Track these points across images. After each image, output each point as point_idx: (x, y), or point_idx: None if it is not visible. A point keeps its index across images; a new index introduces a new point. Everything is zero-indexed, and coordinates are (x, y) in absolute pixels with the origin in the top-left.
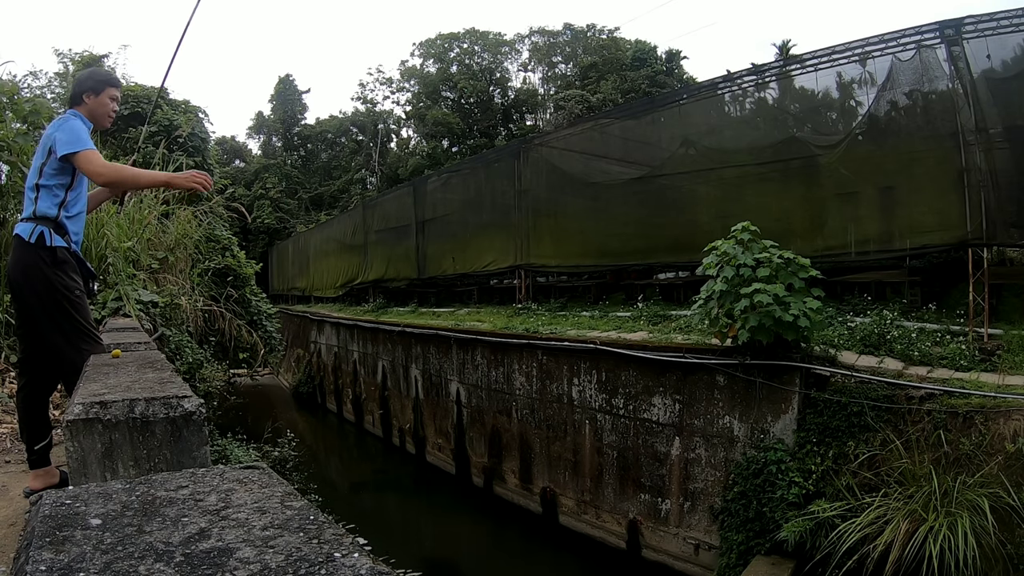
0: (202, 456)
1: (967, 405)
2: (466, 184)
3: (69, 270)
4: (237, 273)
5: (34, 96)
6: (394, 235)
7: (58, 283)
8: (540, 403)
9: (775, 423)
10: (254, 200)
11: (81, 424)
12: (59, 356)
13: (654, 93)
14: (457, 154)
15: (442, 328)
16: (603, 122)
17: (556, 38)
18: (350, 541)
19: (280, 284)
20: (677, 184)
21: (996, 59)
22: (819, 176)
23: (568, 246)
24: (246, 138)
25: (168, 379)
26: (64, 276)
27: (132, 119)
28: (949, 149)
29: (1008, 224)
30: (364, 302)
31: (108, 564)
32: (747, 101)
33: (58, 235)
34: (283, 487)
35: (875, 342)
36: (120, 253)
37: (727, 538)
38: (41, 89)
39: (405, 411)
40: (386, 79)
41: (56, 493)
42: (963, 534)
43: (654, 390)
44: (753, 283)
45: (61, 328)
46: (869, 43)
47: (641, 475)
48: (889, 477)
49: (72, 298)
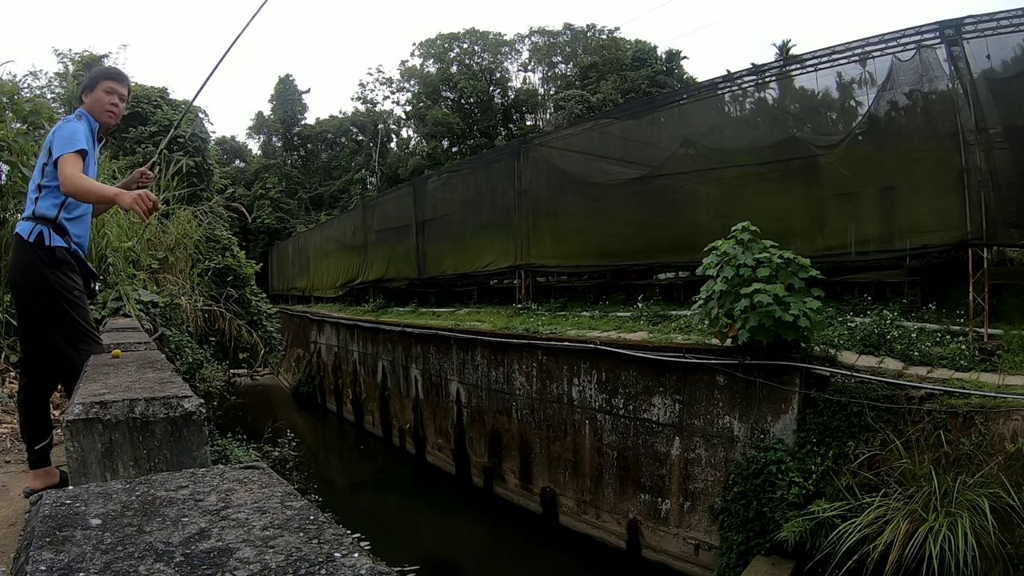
0: (202, 456)
1: (967, 405)
2: (466, 184)
3: (68, 270)
4: (237, 273)
5: (34, 96)
6: (394, 235)
7: (56, 283)
8: (540, 403)
9: (775, 423)
10: (254, 200)
11: (81, 424)
12: (58, 356)
13: (654, 93)
14: (457, 154)
15: (442, 328)
16: (603, 122)
17: (556, 38)
18: (350, 541)
19: (280, 284)
20: (677, 184)
21: (996, 59)
22: (819, 176)
23: (568, 246)
24: (246, 138)
25: (168, 379)
26: (63, 276)
27: (132, 119)
28: (949, 149)
29: (1008, 224)
30: (364, 302)
31: (108, 564)
32: (747, 101)
33: (57, 235)
34: (283, 487)
35: (875, 342)
36: (120, 253)
37: (727, 538)
38: (41, 89)
39: (405, 411)
40: (386, 79)
41: (56, 493)
42: (963, 534)
43: (654, 390)
44: (753, 283)
45: (59, 328)
46: (869, 43)
47: (641, 475)
48: (889, 477)
49: (71, 298)
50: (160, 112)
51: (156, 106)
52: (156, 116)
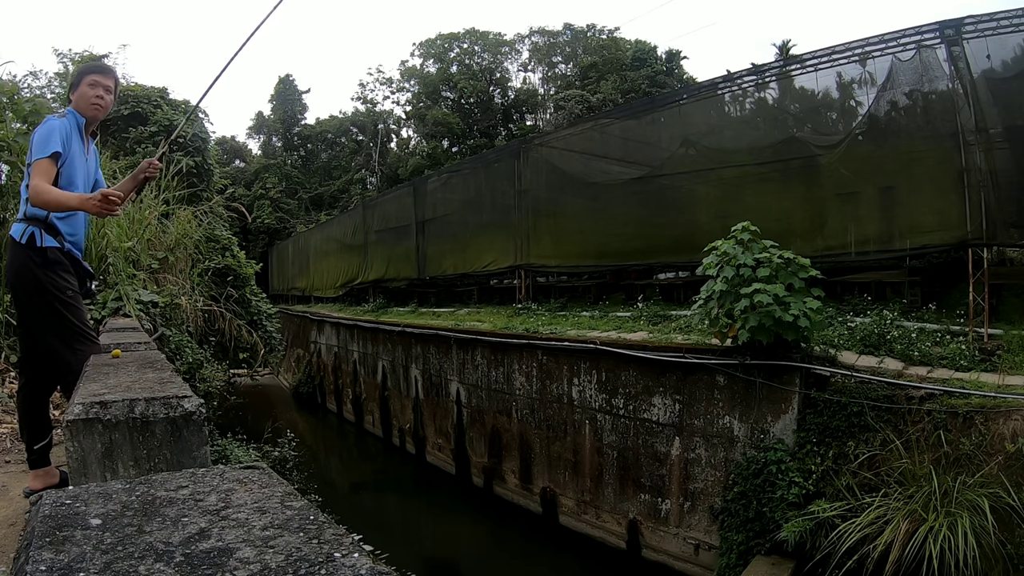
0: (202, 456)
1: (967, 405)
2: (466, 184)
3: (60, 270)
4: (237, 273)
5: (34, 96)
6: (394, 235)
7: (49, 284)
8: (540, 403)
9: (775, 423)
10: (254, 200)
11: (81, 424)
12: (53, 357)
13: (654, 93)
14: (457, 154)
15: (442, 328)
16: (603, 122)
17: (556, 38)
18: (350, 541)
19: (280, 284)
20: (677, 184)
21: (996, 59)
22: (819, 176)
23: (568, 246)
24: (246, 138)
25: (168, 379)
26: (55, 276)
27: (132, 119)
28: (949, 149)
29: (1008, 224)
30: (364, 302)
31: (108, 564)
32: (747, 101)
33: (49, 235)
34: (283, 487)
35: (875, 342)
36: (120, 253)
37: (727, 538)
38: (41, 89)
39: (405, 411)
40: (386, 79)
41: (56, 493)
42: (963, 534)
43: (654, 390)
44: (753, 283)
45: (54, 329)
46: (869, 43)
47: (641, 475)
48: (889, 477)
49: (64, 298)
50: (160, 112)
51: (156, 106)
52: (156, 116)
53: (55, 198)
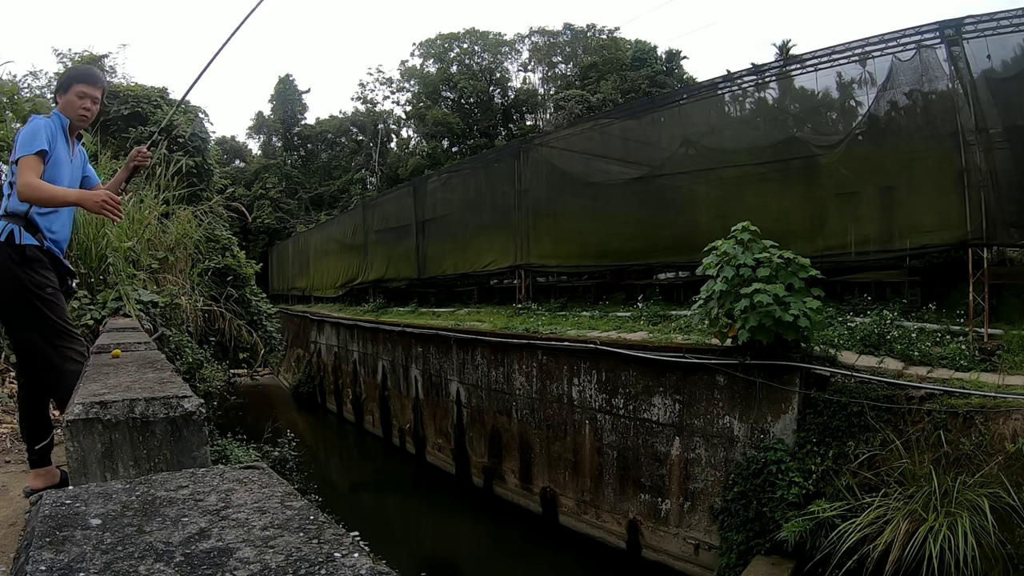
0: (202, 456)
1: (967, 405)
2: (466, 184)
3: (40, 268)
4: (237, 273)
5: (34, 96)
6: (394, 235)
7: (27, 281)
8: (540, 403)
9: (775, 423)
10: (254, 200)
11: (81, 424)
12: (34, 354)
13: (654, 93)
14: (457, 154)
15: (442, 328)
16: (603, 122)
17: (556, 38)
18: (350, 541)
19: (280, 284)
20: (677, 184)
21: (996, 59)
22: (819, 176)
23: (568, 246)
24: (246, 138)
25: (168, 379)
26: (33, 274)
27: (132, 119)
28: (949, 149)
29: (1008, 224)
30: (364, 302)
31: (108, 564)
32: (747, 101)
33: (28, 232)
34: (283, 487)
35: (875, 342)
36: (120, 253)
37: (727, 538)
38: (41, 89)
39: (405, 411)
40: (386, 79)
41: (56, 493)
42: (963, 534)
43: (654, 390)
44: (753, 283)
45: (34, 326)
46: (869, 43)
47: (641, 475)
48: (889, 477)
49: (43, 296)
50: (160, 112)
51: (156, 106)
52: (156, 116)
53: (51, 193)
